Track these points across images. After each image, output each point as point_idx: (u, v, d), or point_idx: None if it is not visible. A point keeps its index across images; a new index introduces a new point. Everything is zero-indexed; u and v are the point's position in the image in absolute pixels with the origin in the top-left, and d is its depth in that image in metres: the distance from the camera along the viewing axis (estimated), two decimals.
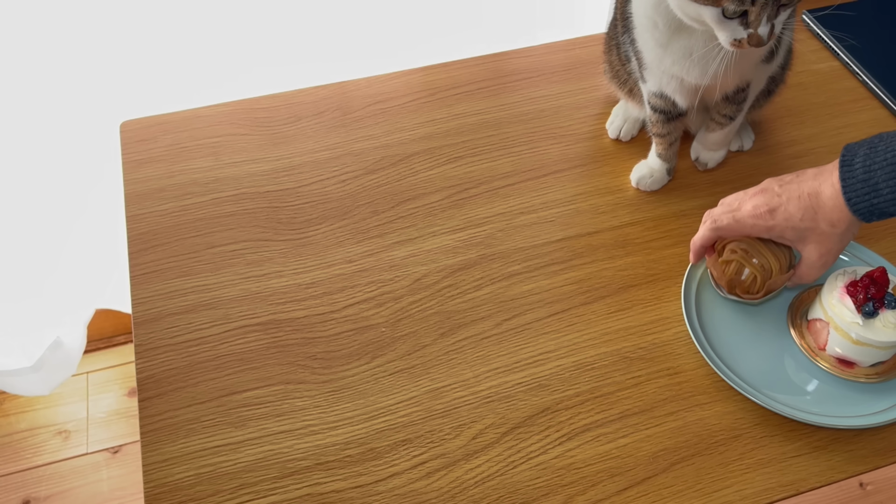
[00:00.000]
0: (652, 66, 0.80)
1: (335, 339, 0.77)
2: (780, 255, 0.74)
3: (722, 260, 0.75)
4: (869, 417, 0.71)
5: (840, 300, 0.70)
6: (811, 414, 0.71)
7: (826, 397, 0.73)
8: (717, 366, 0.73)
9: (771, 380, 0.74)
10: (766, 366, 0.75)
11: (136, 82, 1.16)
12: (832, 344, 0.72)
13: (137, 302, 0.79)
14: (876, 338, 0.69)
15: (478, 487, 0.68)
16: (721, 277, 0.75)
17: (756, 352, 0.76)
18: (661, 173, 0.89)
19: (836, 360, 0.73)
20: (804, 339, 0.75)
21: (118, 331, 1.63)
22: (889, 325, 0.69)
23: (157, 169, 0.91)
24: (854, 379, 0.72)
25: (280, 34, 1.16)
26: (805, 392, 0.73)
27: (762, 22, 0.66)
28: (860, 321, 0.69)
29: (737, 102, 0.84)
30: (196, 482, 0.68)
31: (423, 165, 0.92)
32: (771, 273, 0.73)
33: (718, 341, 0.76)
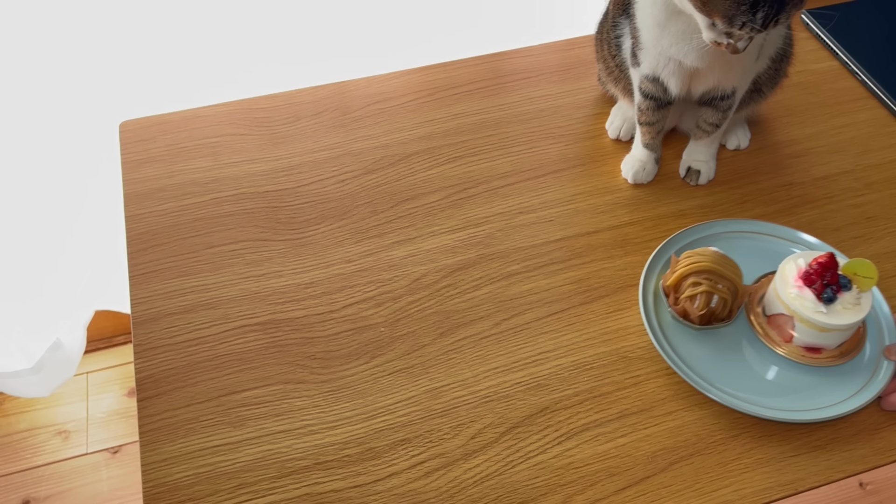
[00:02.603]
0: (648, 46, 0.80)
1: (334, 338, 0.77)
2: (733, 267, 0.73)
3: (685, 296, 0.73)
4: (856, 398, 0.71)
5: (799, 293, 0.71)
6: (806, 411, 0.71)
7: (808, 389, 0.73)
8: (700, 386, 0.72)
9: (752, 384, 0.73)
10: (740, 370, 0.74)
11: (136, 82, 1.16)
12: (800, 335, 0.73)
13: (136, 302, 0.79)
14: (841, 321, 0.70)
15: (476, 487, 0.68)
16: (692, 313, 0.72)
17: (726, 358, 0.75)
18: (652, 163, 0.90)
19: (805, 349, 0.74)
20: (768, 336, 0.75)
21: (118, 331, 1.63)
22: (849, 306, 0.70)
23: (156, 169, 0.91)
24: (822, 364, 0.73)
25: (280, 34, 1.16)
26: (790, 390, 0.73)
27: (745, 39, 0.69)
28: (823, 309, 0.70)
29: (722, 110, 0.86)
30: (195, 482, 0.68)
31: (422, 165, 0.92)
32: (737, 290, 0.73)
33: (689, 355, 0.74)
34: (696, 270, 0.72)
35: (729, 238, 0.83)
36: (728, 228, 0.83)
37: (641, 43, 0.81)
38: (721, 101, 0.84)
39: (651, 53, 0.81)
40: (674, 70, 0.81)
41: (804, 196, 0.90)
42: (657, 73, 0.82)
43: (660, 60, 0.81)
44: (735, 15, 0.66)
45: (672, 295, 0.74)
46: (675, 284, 0.73)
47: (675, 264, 0.75)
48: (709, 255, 0.73)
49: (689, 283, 0.73)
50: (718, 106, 0.85)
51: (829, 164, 0.93)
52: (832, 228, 0.87)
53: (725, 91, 0.83)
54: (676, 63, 0.79)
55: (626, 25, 0.86)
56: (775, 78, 0.89)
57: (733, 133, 0.95)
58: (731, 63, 0.79)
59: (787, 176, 0.92)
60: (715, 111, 0.86)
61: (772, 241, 0.83)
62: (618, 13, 0.87)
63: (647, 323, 0.75)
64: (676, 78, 0.81)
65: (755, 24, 0.67)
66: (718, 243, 0.82)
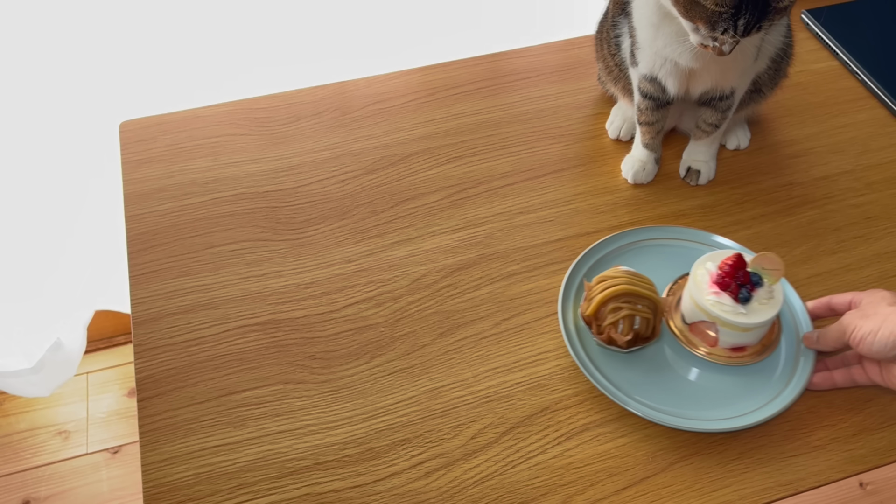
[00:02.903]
0: (644, 46, 0.80)
1: (334, 338, 0.77)
2: (646, 283, 0.73)
3: (608, 324, 0.71)
4: (794, 385, 0.72)
5: (717, 298, 0.71)
6: (754, 413, 0.71)
7: (745, 389, 0.73)
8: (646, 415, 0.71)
9: (690, 397, 0.73)
10: (674, 384, 0.74)
11: (136, 82, 1.16)
12: (724, 338, 0.73)
13: (137, 302, 0.79)
14: (761, 318, 0.71)
15: (476, 487, 0.68)
16: (618, 340, 0.71)
17: (658, 375, 0.74)
18: (651, 164, 0.90)
19: (730, 350, 0.74)
20: (692, 343, 0.75)
21: (118, 331, 1.63)
22: (765, 301, 0.71)
23: (156, 169, 0.91)
24: (749, 361, 0.74)
25: (280, 34, 1.16)
26: (729, 395, 0.73)
27: (729, 43, 0.70)
28: (743, 310, 0.71)
29: (721, 110, 0.86)
30: (195, 482, 0.68)
31: (422, 165, 0.92)
32: (656, 306, 0.72)
33: (621, 380, 0.73)
34: (613, 295, 0.71)
35: (632, 250, 0.83)
36: (629, 240, 0.83)
37: (638, 42, 0.81)
38: (720, 102, 0.85)
39: (647, 53, 0.81)
40: (671, 70, 0.81)
41: (804, 196, 0.90)
42: (655, 73, 0.82)
43: (656, 60, 0.81)
44: (717, 22, 0.68)
45: (594, 324, 0.73)
46: (594, 313, 0.72)
47: (589, 291, 0.74)
48: (621, 276, 0.72)
49: (609, 310, 0.71)
50: (718, 106, 0.85)
51: (829, 164, 0.94)
52: (832, 228, 0.87)
53: (724, 91, 0.83)
54: (672, 63, 0.79)
55: (626, 25, 0.86)
56: (775, 78, 0.89)
57: (733, 133, 0.95)
58: (728, 64, 0.79)
59: (787, 176, 0.92)
60: (714, 111, 0.86)
61: (674, 244, 0.83)
62: (617, 12, 0.87)
63: (571, 349, 0.74)
64: (674, 78, 0.82)
65: (736, 31, 0.68)
66: (623, 258, 0.82)
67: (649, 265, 0.80)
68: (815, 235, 0.86)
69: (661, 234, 0.83)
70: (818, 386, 0.73)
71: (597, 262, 0.81)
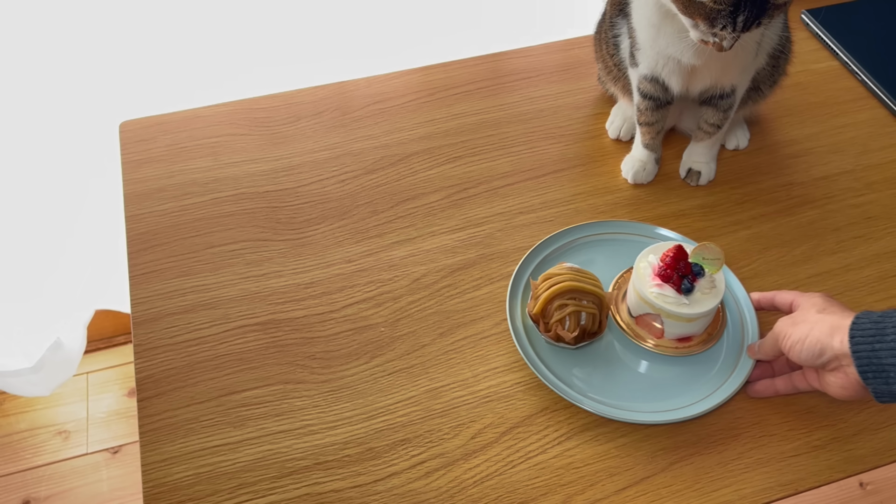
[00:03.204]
0: (646, 47, 0.80)
1: (334, 338, 0.77)
2: (591, 278, 0.73)
3: (554, 321, 0.72)
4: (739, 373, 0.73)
5: (660, 291, 0.72)
6: (700, 402, 0.72)
7: (693, 379, 0.74)
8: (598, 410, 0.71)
9: (639, 389, 0.73)
10: (624, 377, 0.74)
11: (136, 82, 1.16)
12: (669, 329, 0.74)
13: (137, 302, 0.79)
14: (704, 308, 0.72)
15: (476, 487, 0.68)
16: (565, 336, 0.71)
17: (606, 369, 0.75)
18: (652, 164, 0.90)
19: (676, 340, 0.75)
20: (639, 336, 0.75)
21: (118, 331, 1.63)
22: (707, 291, 0.72)
23: (156, 169, 0.91)
24: (695, 351, 0.75)
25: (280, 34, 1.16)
26: (677, 385, 0.74)
27: (727, 39, 0.70)
28: (686, 300, 0.72)
29: (723, 109, 0.86)
30: (195, 482, 0.68)
31: (422, 165, 0.92)
32: (601, 301, 0.73)
33: (569, 376, 0.74)
34: (558, 293, 0.71)
35: (577, 246, 0.83)
36: (574, 236, 0.83)
37: (639, 43, 0.81)
38: (721, 101, 0.85)
39: (649, 54, 0.81)
40: (673, 68, 0.81)
41: (804, 196, 0.90)
42: (656, 73, 0.82)
43: (658, 60, 0.81)
44: (715, 18, 0.68)
45: (541, 322, 0.73)
46: (541, 311, 0.72)
47: (535, 289, 0.74)
48: (565, 273, 0.72)
49: (555, 307, 0.72)
50: (719, 105, 0.85)
51: (829, 164, 0.94)
52: (832, 228, 0.87)
53: (725, 89, 0.83)
54: (675, 61, 0.79)
55: (624, 25, 0.86)
56: (774, 76, 0.89)
57: (733, 133, 0.95)
58: (729, 60, 0.79)
59: (787, 176, 0.92)
60: (716, 111, 0.86)
61: (618, 238, 0.84)
62: (614, 13, 0.87)
63: (521, 351, 0.74)
64: (676, 76, 0.81)
65: (735, 27, 0.68)
66: (568, 255, 0.82)
67: (595, 260, 0.82)
68: (815, 235, 0.86)
69: (604, 229, 0.84)
70: (761, 393, 0.73)
71: (543, 261, 0.81)
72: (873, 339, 0.60)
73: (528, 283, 0.79)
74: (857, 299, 0.81)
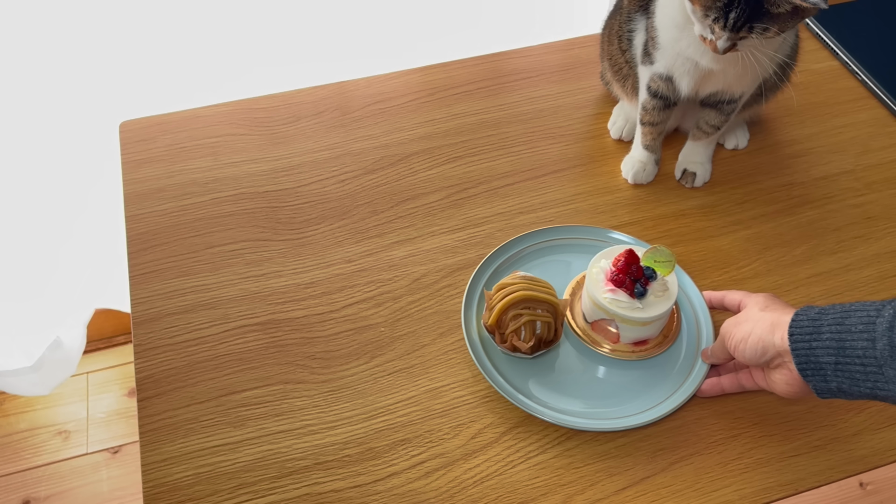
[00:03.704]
0: (666, 47, 0.80)
1: (334, 338, 0.77)
2: (544, 286, 0.73)
3: (510, 332, 0.71)
4: (697, 373, 0.73)
5: (613, 296, 0.72)
6: (662, 404, 0.72)
7: (652, 382, 0.74)
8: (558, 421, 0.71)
9: (598, 395, 0.73)
10: (582, 384, 0.74)
11: (136, 82, 1.16)
12: (625, 334, 0.74)
13: (137, 302, 0.79)
14: (658, 311, 0.72)
15: (476, 487, 0.68)
16: (521, 345, 0.71)
17: (564, 377, 0.74)
18: (652, 164, 0.90)
19: (632, 344, 0.75)
20: (595, 342, 0.75)
21: (118, 331, 1.63)
22: (660, 294, 0.72)
23: (156, 169, 0.91)
24: (652, 354, 0.75)
25: (280, 34, 1.16)
26: (636, 389, 0.74)
27: (723, 38, 0.71)
28: (640, 304, 0.72)
29: (726, 113, 0.86)
30: (195, 482, 0.68)
31: (422, 165, 0.92)
32: (556, 309, 0.72)
33: (526, 386, 0.73)
34: (512, 303, 0.71)
35: (530, 253, 0.83)
36: (527, 243, 0.83)
37: (659, 43, 0.81)
38: (726, 105, 0.85)
39: (668, 53, 0.81)
40: (689, 69, 0.81)
41: (804, 196, 0.90)
42: (672, 73, 0.82)
43: (677, 60, 0.81)
44: (710, 8, 0.69)
45: (497, 333, 0.73)
46: (496, 322, 0.72)
47: (489, 300, 0.74)
48: (519, 283, 0.72)
49: (509, 318, 0.71)
50: (723, 109, 0.85)
51: (829, 164, 0.94)
52: (832, 228, 0.87)
53: (733, 95, 0.83)
54: (693, 63, 0.79)
55: (642, 21, 0.85)
56: (778, 84, 0.89)
57: (732, 133, 0.95)
58: (746, 67, 0.78)
59: (787, 176, 0.92)
60: (718, 114, 0.86)
61: (571, 244, 0.84)
62: (634, 9, 0.87)
63: (479, 364, 0.73)
64: (690, 77, 0.81)
65: (727, 24, 0.69)
66: (521, 263, 0.82)
67: (548, 267, 0.81)
68: (815, 235, 0.86)
69: (557, 235, 0.84)
70: (707, 393, 0.73)
71: (496, 270, 0.81)
72: (810, 336, 0.60)
73: (483, 295, 0.78)
74: (857, 299, 0.81)
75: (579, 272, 0.80)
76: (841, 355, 0.58)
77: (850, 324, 0.58)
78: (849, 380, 0.58)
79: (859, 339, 0.57)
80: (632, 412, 0.71)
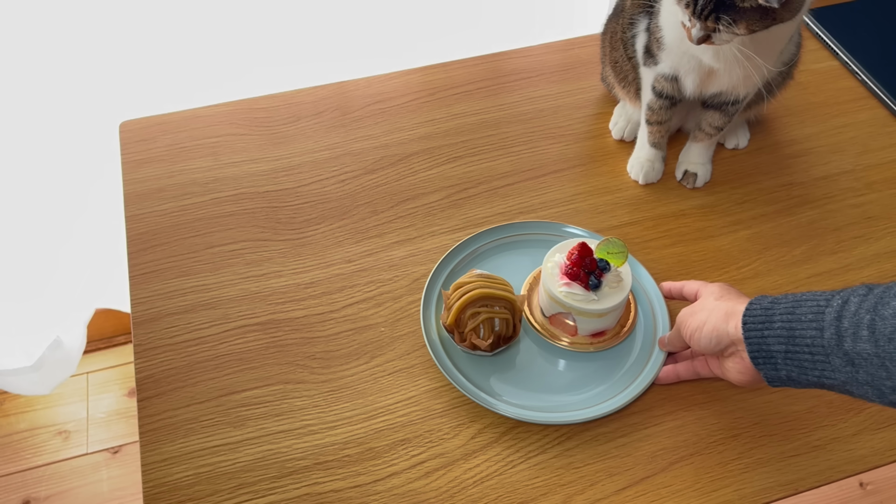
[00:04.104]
0: (671, 46, 0.80)
1: (334, 338, 0.77)
2: (501, 283, 0.73)
3: (469, 330, 0.71)
4: (655, 361, 0.74)
5: (569, 289, 0.72)
6: (624, 393, 0.73)
7: (611, 373, 0.75)
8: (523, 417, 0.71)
9: (563, 390, 0.74)
10: (543, 378, 0.74)
11: (136, 82, 1.16)
12: (582, 326, 0.75)
13: (137, 302, 0.79)
14: (613, 302, 0.73)
15: (476, 487, 0.68)
16: (480, 343, 0.71)
17: (524, 373, 0.75)
18: (659, 162, 0.90)
19: (590, 336, 0.76)
20: (554, 336, 0.76)
21: (118, 331, 1.63)
22: (614, 285, 0.73)
23: (156, 169, 0.91)
24: (611, 344, 0.76)
25: (280, 34, 1.16)
26: (596, 379, 0.74)
27: (696, 26, 0.71)
28: (595, 296, 0.72)
29: (729, 114, 0.86)
30: (195, 482, 0.68)
31: (422, 165, 0.92)
32: (513, 305, 0.72)
33: (487, 383, 0.74)
34: (469, 301, 0.71)
35: (486, 251, 0.83)
36: (482, 242, 0.83)
37: (664, 43, 0.81)
38: (730, 107, 0.85)
39: (674, 53, 0.80)
40: (693, 67, 0.80)
41: (804, 196, 0.90)
42: (677, 72, 0.82)
43: (682, 59, 0.80)
44: None
45: (456, 332, 0.73)
46: (454, 321, 0.72)
47: (447, 300, 0.74)
48: (475, 281, 0.72)
49: (468, 316, 0.71)
50: (727, 110, 0.85)
51: (829, 164, 0.94)
52: (832, 228, 0.87)
53: (739, 95, 0.83)
54: (697, 61, 0.79)
55: (644, 23, 0.85)
56: (784, 81, 0.89)
57: (732, 133, 0.95)
58: (751, 67, 0.78)
59: (787, 176, 0.92)
60: (721, 115, 0.86)
61: (526, 239, 0.84)
62: (636, 10, 0.87)
63: (438, 363, 0.73)
64: (695, 75, 0.81)
65: (695, 10, 0.69)
66: (477, 261, 0.82)
67: (505, 264, 0.82)
68: (815, 235, 0.86)
69: (511, 232, 0.84)
70: (664, 381, 0.74)
71: (453, 270, 0.81)
72: (763, 325, 0.60)
73: (441, 295, 0.78)
74: None
75: (535, 267, 0.81)
76: (791, 344, 0.58)
77: (801, 313, 0.58)
78: (798, 368, 0.59)
79: (808, 328, 0.57)
80: (593, 403, 0.72)
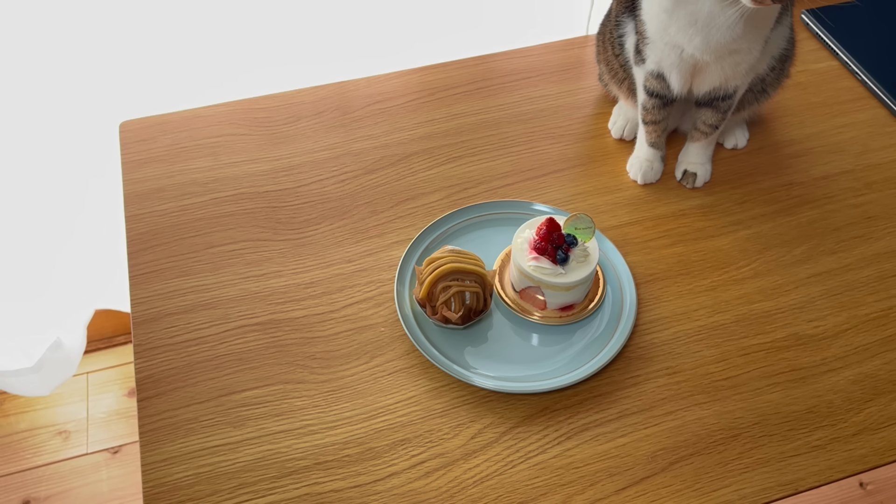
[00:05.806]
0: (655, 38, 0.80)
1: (334, 338, 0.77)
2: (472, 258, 0.74)
3: (440, 303, 0.73)
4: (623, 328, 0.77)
5: (537, 263, 0.74)
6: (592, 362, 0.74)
7: (580, 344, 0.77)
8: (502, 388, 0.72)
9: (529, 361, 0.75)
10: (515, 352, 0.76)
11: (136, 82, 1.16)
12: (551, 300, 0.76)
13: (137, 302, 0.79)
14: (580, 276, 0.74)
15: (476, 487, 0.68)
16: (451, 316, 0.73)
17: (497, 346, 0.76)
18: (658, 162, 0.90)
19: (559, 310, 0.77)
20: (524, 310, 0.77)
21: (118, 331, 1.64)
22: (581, 259, 0.75)
23: (156, 169, 0.91)
24: (580, 318, 0.77)
25: (280, 34, 1.16)
26: (565, 351, 0.76)
27: None
28: (563, 270, 0.74)
29: (722, 111, 0.86)
30: (195, 482, 0.68)
31: (422, 165, 0.92)
32: (484, 280, 0.74)
33: (460, 356, 0.75)
34: (441, 275, 0.73)
35: (460, 230, 0.85)
36: (455, 220, 0.85)
37: (648, 37, 0.81)
38: (721, 102, 0.85)
39: (657, 46, 0.81)
40: (675, 62, 0.81)
41: (804, 196, 0.90)
42: (661, 68, 0.82)
43: (665, 51, 0.80)
44: None
45: (428, 306, 0.75)
46: (426, 295, 0.74)
47: (419, 275, 0.75)
48: (447, 256, 0.74)
49: (439, 290, 0.73)
50: (719, 107, 0.85)
51: (829, 164, 0.94)
52: (832, 228, 0.87)
53: (727, 90, 0.83)
54: (679, 54, 0.79)
55: (630, 23, 0.86)
56: (779, 78, 0.89)
57: (731, 132, 0.95)
58: (735, 59, 0.79)
59: (787, 176, 0.92)
60: (715, 112, 0.86)
61: (498, 218, 0.86)
62: (621, 11, 0.87)
63: (410, 335, 0.75)
64: (679, 71, 0.81)
65: None
66: (451, 238, 0.84)
67: (477, 241, 0.84)
68: (815, 235, 0.86)
69: (484, 211, 0.86)
70: None
71: (427, 248, 0.83)
72: None
73: (414, 272, 0.80)
74: (857, 299, 0.81)
75: (507, 244, 0.83)
76: None
77: None
78: None
79: None
80: (562, 373, 0.74)
